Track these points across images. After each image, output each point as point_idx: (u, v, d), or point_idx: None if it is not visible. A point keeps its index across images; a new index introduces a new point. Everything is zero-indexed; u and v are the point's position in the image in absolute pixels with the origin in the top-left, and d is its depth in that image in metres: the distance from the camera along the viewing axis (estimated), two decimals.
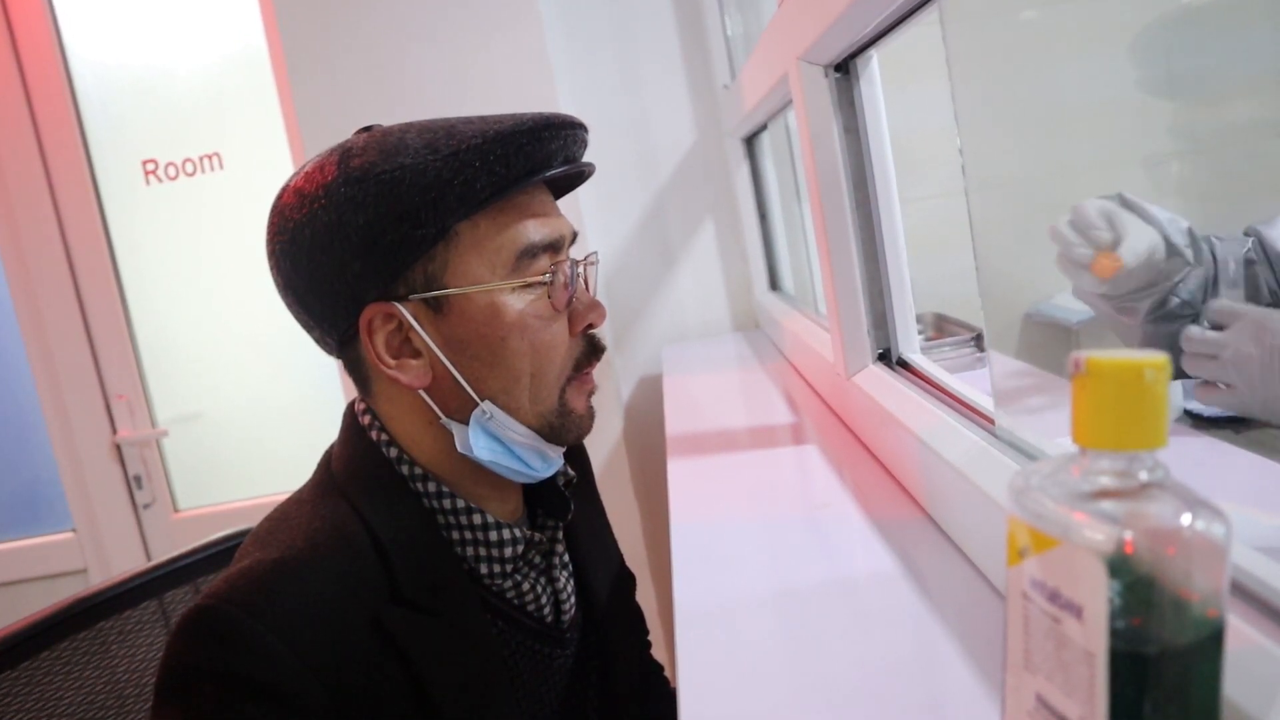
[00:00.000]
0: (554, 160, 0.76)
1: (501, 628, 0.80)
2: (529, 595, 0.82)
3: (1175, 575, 0.34)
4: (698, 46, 2.22)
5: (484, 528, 0.79)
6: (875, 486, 1.02)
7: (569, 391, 0.80)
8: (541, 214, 0.77)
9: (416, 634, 0.73)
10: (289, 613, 0.68)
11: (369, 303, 0.74)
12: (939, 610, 0.72)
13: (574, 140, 0.78)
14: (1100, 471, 0.36)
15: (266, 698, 0.66)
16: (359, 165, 0.72)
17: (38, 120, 2.34)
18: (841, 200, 1.15)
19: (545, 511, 0.88)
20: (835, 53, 1.08)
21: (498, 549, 0.79)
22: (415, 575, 0.74)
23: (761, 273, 2.19)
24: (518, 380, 0.77)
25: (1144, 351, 0.35)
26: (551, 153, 0.75)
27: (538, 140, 0.74)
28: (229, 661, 0.66)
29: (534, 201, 0.77)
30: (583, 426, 0.82)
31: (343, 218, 0.72)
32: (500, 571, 0.80)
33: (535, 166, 0.75)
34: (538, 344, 0.77)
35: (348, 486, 0.78)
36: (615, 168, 2.23)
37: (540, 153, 0.74)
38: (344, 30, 2.03)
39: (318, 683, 0.67)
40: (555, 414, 0.79)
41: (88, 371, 2.41)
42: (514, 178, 0.73)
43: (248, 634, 0.66)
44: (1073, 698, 0.35)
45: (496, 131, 0.72)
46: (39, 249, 2.36)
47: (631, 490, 2.17)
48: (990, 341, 1.00)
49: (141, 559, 2.44)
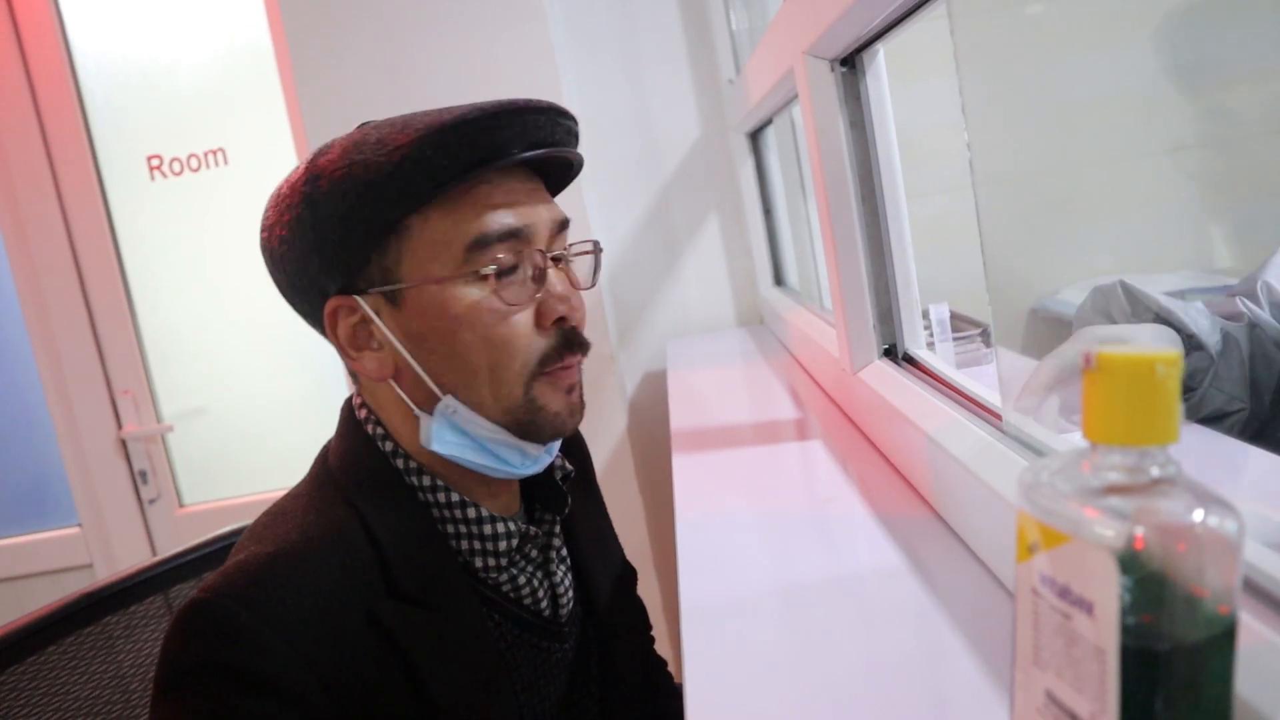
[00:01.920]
0: (510, 148, 0.73)
1: (498, 621, 0.80)
2: (525, 589, 0.82)
3: (1187, 571, 0.33)
4: (702, 41, 2.21)
5: (477, 521, 0.78)
6: (881, 482, 1.02)
7: (538, 387, 0.77)
8: (505, 204, 0.75)
9: (411, 628, 0.72)
10: (284, 606, 0.68)
11: (331, 295, 0.77)
12: (946, 606, 0.71)
13: (536, 125, 0.75)
14: (1111, 467, 0.35)
15: (262, 690, 0.66)
16: (320, 164, 0.75)
17: (43, 116, 2.34)
18: (847, 195, 1.14)
19: (542, 506, 0.88)
20: (841, 47, 1.08)
21: (491, 543, 0.79)
22: (410, 569, 0.74)
23: (766, 268, 2.19)
24: (475, 374, 0.75)
25: (1156, 345, 0.35)
26: (505, 141, 0.73)
27: (485, 130, 0.72)
28: (225, 655, 0.66)
29: (497, 191, 0.75)
30: (560, 424, 0.79)
31: (300, 215, 0.74)
32: (495, 565, 0.80)
33: (485, 156, 0.72)
34: (492, 337, 0.75)
35: (343, 481, 0.78)
36: (619, 162, 2.23)
37: (489, 142, 0.72)
38: (348, 25, 2.02)
39: (313, 675, 0.67)
40: (522, 410, 0.77)
41: (93, 367, 2.41)
42: (459, 169, 0.72)
43: (243, 627, 0.66)
44: (1083, 694, 0.35)
45: (441, 123, 0.71)
46: (45, 245, 2.36)
47: (636, 486, 2.17)
48: (998, 337, 0.99)
49: (147, 554, 2.44)
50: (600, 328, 2.12)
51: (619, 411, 2.15)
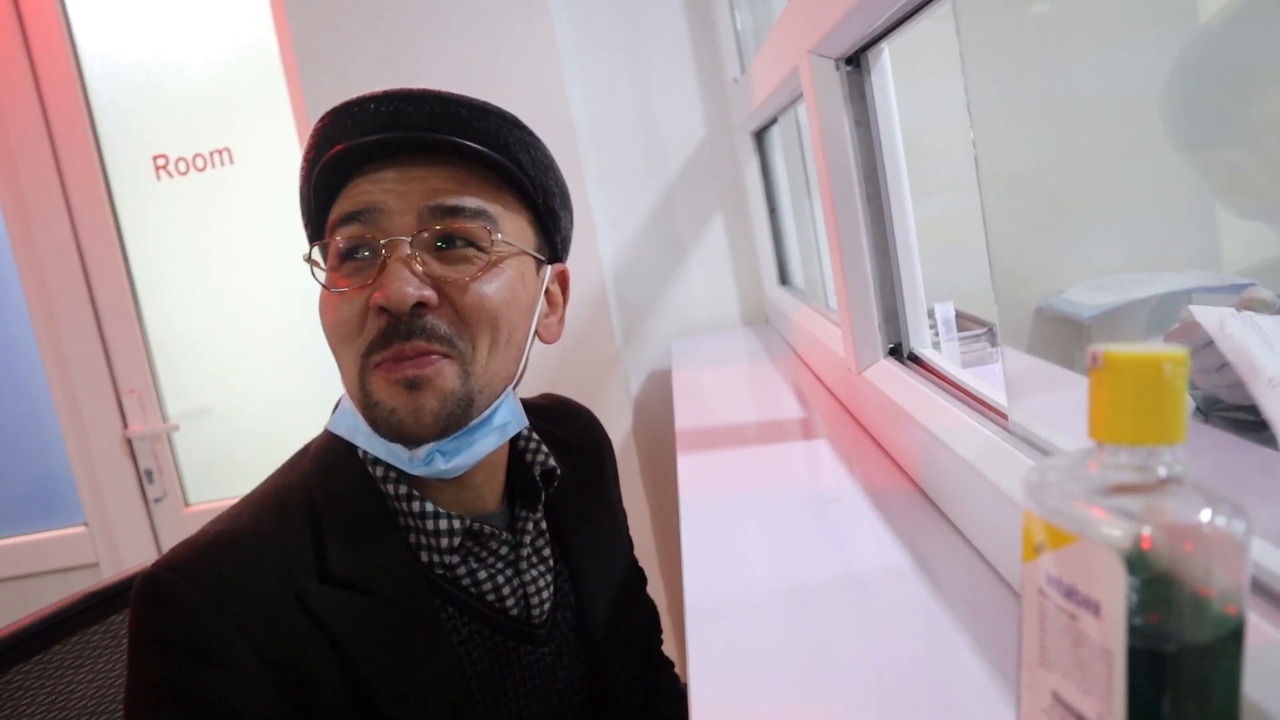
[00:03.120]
0: (340, 140, 0.76)
1: (452, 614, 0.78)
2: (487, 585, 0.80)
3: (1194, 571, 0.33)
4: (707, 40, 2.21)
5: (421, 515, 0.78)
6: (886, 481, 1.01)
7: (372, 380, 0.73)
8: (363, 191, 0.75)
9: (340, 612, 0.72)
10: (222, 581, 0.69)
11: None
12: (951, 606, 0.71)
13: (368, 114, 0.76)
14: (1118, 466, 0.35)
15: (201, 660, 0.67)
16: None
17: (49, 116, 2.35)
18: (852, 194, 1.14)
19: (521, 503, 0.86)
20: (847, 46, 1.07)
21: (434, 537, 0.78)
22: (348, 552, 0.74)
23: (771, 267, 2.19)
24: (336, 359, 0.77)
25: (1162, 345, 0.34)
26: (335, 135, 0.77)
27: (332, 124, 0.77)
28: (166, 627, 0.68)
29: (365, 181, 0.76)
30: (396, 423, 0.73)
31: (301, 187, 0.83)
32: (441, 562, 0.78)
33: (321, 153, 0.77)
34: (325, 322, 0.76)
35: (311, 467, 0.80)
36: (624, 161, 2.23)
37: (328, 135, 0.77)
38: (353, 23, 2.02)
39: (251, 650, 0.68)
40: (363, 401, 0.74)
41: (99, 366, 2.42)
42: (316, 167, 0.77)
43: (180, 597, 0.68)
44: (1090, 695, 0.35)
45: (320, 123, 0.78)
46: (51, 245, 2.37)
47: (641, 484, 2.17)
48: (1004, 336, 0.99)
49: (152, 553, 2.45)
50: (605, 326, 2.12)
51: (624, 410, 2.15)
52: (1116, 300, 1.07)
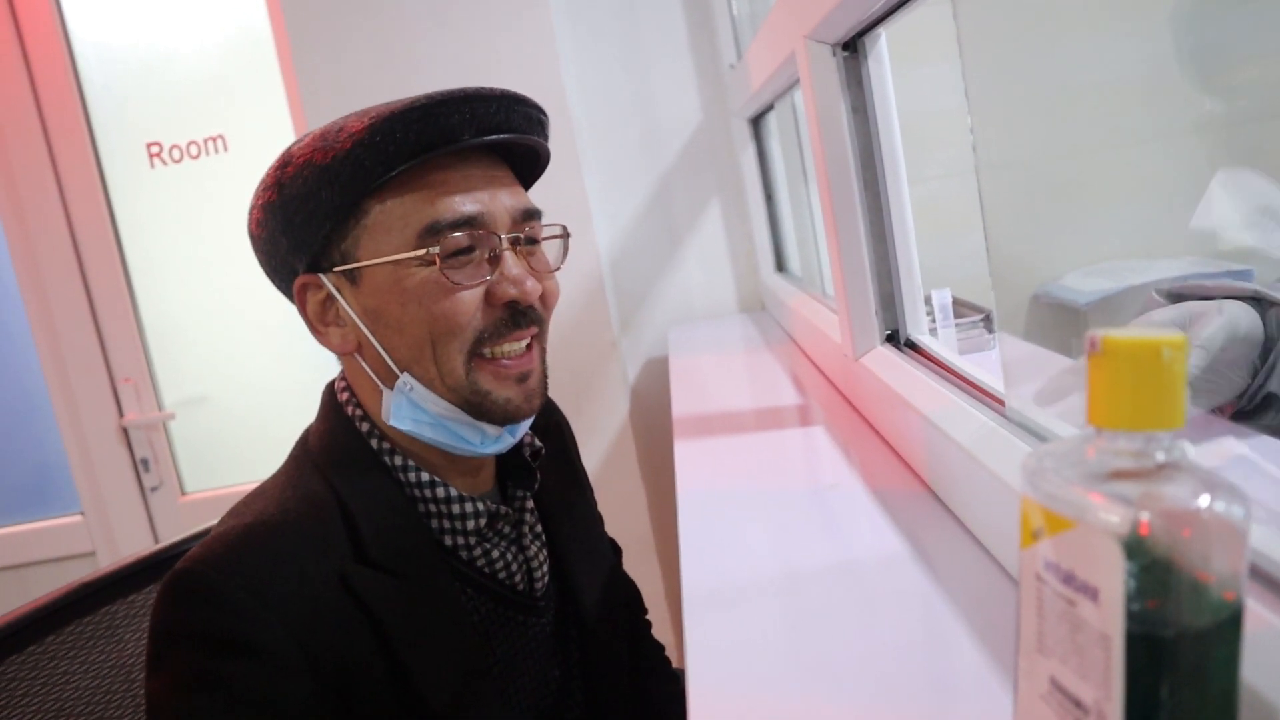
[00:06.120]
0: (460, 133, 0.75)
1: (471, 595, 0.82)
2: (499, 563, 0.84)
3: (1193, 557, 0.33)
4: (704, 25, 2.20)
5: (446, 501, 0.81)
6: (883, 468, 1.01)
7: (479, 373, 0.78)
8: (460, 190, 0.77)
9: (382, 593, 0.74)
10: (260, 571, 0.71)
11: (299, 274, 0.81)
12: (948, 592, 0.71)
13: (487, 111, 0.76)
14: (1116, 452, 0.35)
15: (242, 652, 0.68)
16: (292, 151, 0.78)
17: (42, 104, 2.33)
18: (849, 181, 1.14)
19: (514, 482, 0.89)
20: (843, 31, 1.07)
21: (460, 521, 0.81)
22: (381, 539, 0.76)
23: (768, 254, 2.18)
24: (422, 350, 0.77)
25: (1161, 329, 0.34)
26: (453, 126, 0.74)
27: (433, 116, 0.74)
28: (205, 621, 0.69)
29: (453, 177, 0.77)
30: (514, 409, 0.80)
31: (271, 198, 0.78)
32: (465, 544, 0.81)
33: (432, 141, 0.74)
34: (435, 312, 0.76)
35: (321, 459, 0.81)
36: (621, 148, 2.22)
37: (436, 127, 0.74)
38: (348, 11, 2.01)
39: (290, 638, 0.69)
40: (469, 391, 0.78)
41: (94, 355, 2.41)
42: (407, 153, 0.74)
43: (221, 592, 0.69)
44: (1087, 681, 0.35)
45: (392, 111, 0.74)
46: (45, 233, 2.36)
47: (638, 472, 2.17)
48: (1001, 322, 0.99)
49: (149, 541, 2.45)
50: (602, 314, 2.12)
51: (621, 398, 2.15)
52: (1113, 287, 1.06)
